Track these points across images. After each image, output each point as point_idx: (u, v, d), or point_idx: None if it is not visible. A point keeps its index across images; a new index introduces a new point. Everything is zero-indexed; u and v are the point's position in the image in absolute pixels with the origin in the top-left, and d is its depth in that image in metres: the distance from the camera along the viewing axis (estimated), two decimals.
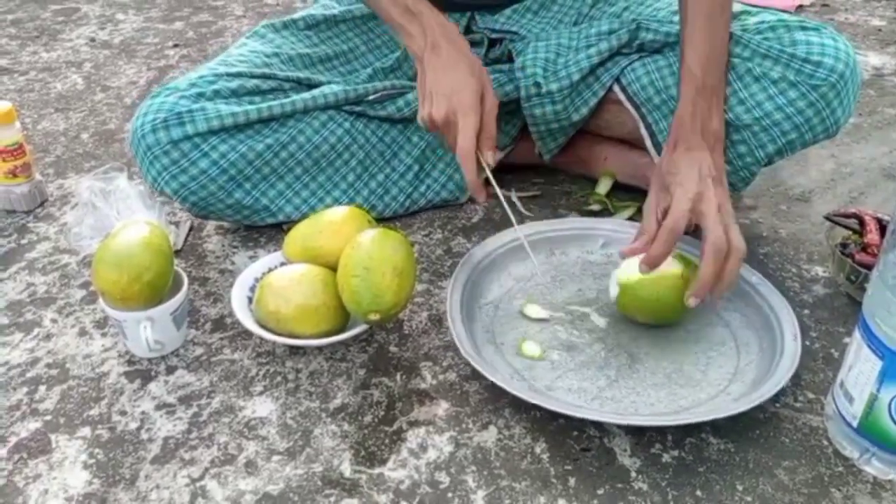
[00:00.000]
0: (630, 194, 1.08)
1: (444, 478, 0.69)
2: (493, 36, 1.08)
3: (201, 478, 0.69)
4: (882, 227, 0.89)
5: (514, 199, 0.81)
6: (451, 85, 0.84)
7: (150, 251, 0.77)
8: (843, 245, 0.90)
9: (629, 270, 0.80)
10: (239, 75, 0.97)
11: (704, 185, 0.79)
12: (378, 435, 0.73)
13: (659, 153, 0.98)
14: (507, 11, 1.08)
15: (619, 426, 0.73)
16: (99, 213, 0.94)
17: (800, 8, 1.83)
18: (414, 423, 0.74)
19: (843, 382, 0.70)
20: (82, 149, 1.23)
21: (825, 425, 0.74)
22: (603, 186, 1.08)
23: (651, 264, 0.78)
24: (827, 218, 0.94)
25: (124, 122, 1.30)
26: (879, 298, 0.65)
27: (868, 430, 0.68)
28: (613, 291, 0.82)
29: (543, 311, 0.87)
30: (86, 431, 0.73)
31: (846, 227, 0.92)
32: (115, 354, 0.82)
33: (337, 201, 0.99)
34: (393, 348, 0.83)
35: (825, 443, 0.72)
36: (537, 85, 0.99)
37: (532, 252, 0.88)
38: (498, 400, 0.76)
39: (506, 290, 0.90)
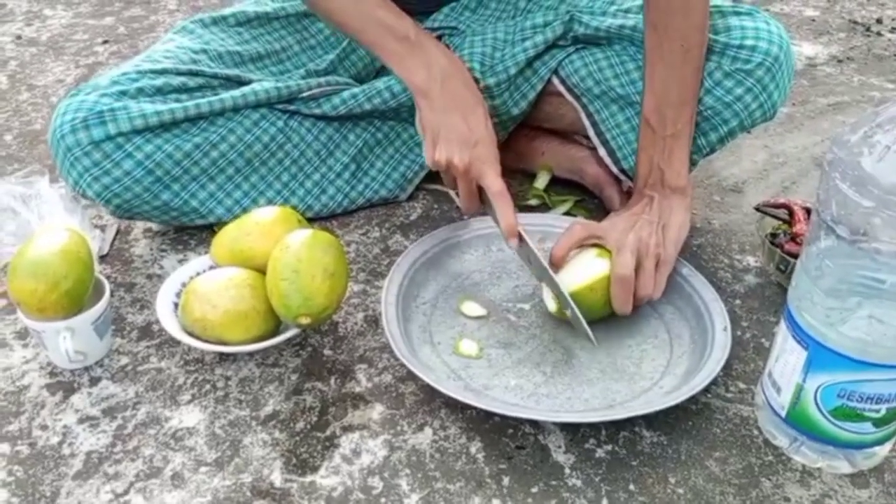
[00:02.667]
0: (567, 188, 1.08)
1: (377, 483, 0.68)
2: (434, 34, 1.06)
3: (126, 493, 0.66)
4: (811, 217, 0.90)
5: (532, 245, 0.81)
6: (471, 130, 0.83)
7: (67, 259, 0.74)
8: (773, 235, 0.91)
9: (565, 281, 0.80)
10: (164, 72, 0.94)
11: (643, 241, 0.81)
12: (310, 441, 0.71)
13: (602, 143, 0.98)
14: (445, 10, 1.07)
15: (554, 423, 0.73)
16: (20, 218, 0.90)
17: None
18: (348, 428, 0.73)
19: (770, 372, 0.71)
20: (5, 151, 1.18)
21: (755, 415, 0.75)
22: (541, 181, 1.08)
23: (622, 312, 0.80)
24: (757, 208, 0.95)
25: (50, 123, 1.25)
26: (803, 289, 0.66)
27: (796, 420, 0.69)
28: (550, 305, 0.82)
29: (481, 308, 0.86)
30: (4, 448, 0.70)
31: (776, 217, 0.93)
32: (37, 366, 0.79)
33: (271, 202, 0.97)
34: (327, 351, 0.81)
35: (755, 432, 0.73)
36: (475, 80, 0.98)
37: (473, 249, 0.87)
38: (433, 400, 0.75)
39: (443, 287, 0.89)
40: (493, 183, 0.82)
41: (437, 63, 0.85)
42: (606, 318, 0.82)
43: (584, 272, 0.80)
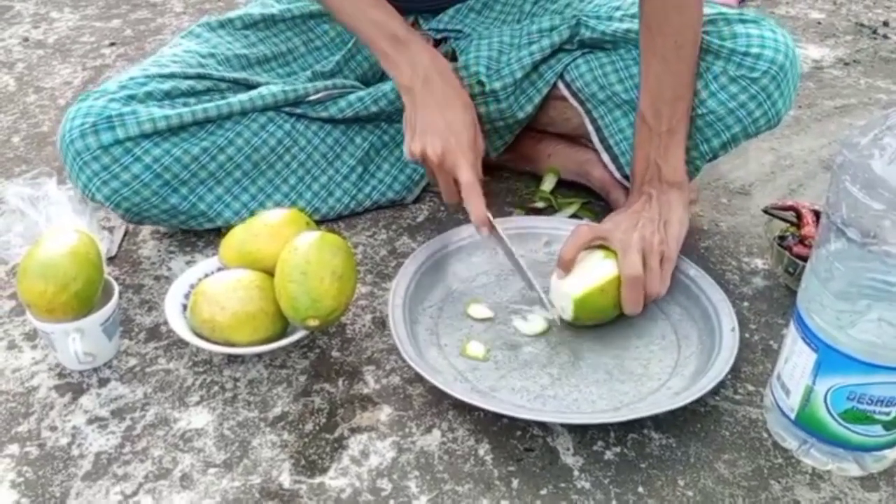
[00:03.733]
0: (574, 191, 1.08)
1: (386, 484, 0.68)
2: (438, 36, 1.07)
3: (135, 494, 0.66)
4: (819, 219, 0.90)
5: (502, 233, 0.85)
6: (447, 124, 0.86)
7: (76, 260, 0.74)
8: (781, 237, 0.91)
9: (572, 287, 0.80)
10: (172, 76, 0.94)
11: (646, 239, 0.82)
12: (319, 443, 0.71)
13: (605, 149, 0.99)
14: (451, 11, 1.07)
15: (562, 425, 0.73)
16: (28, 220, 0.90)
17: (742, 2, 1.85)
18: (356, 430, 0.73)
19: (779, 375, 0.71)
20: (13, 153, 1.19)
21: (764, 417, 0.74)
22: (547, 184, 1.08)
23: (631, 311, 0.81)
24: (765, 211, 0.95)
25: (57, 125, 1.24)
26: (813, 292, 0.65)
27: (805, 422, 0.69)
28: (566, 313, 0.81)
29: (487, 310, 0.86)
30: (14, 449, 0.71)
31: (784, 219, 0.93)
32: (46, 367, 0.79)
33: (278, 205, 0.97)
34: (335, 353, 0.81)
35: (765, 435, 0.73)
36: (481, 84, 0.98)
37: (479, 252, 0.88)
38: (441, 402, 0.75)
39: (450, 290, 0.89)
40: (464, 174, 0.84)
41: (420, 61, 0.88)
42: (615, 319, 0.82)
43: (592, 275, 0.80)
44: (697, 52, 0.87)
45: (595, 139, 1.00)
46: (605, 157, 0.99)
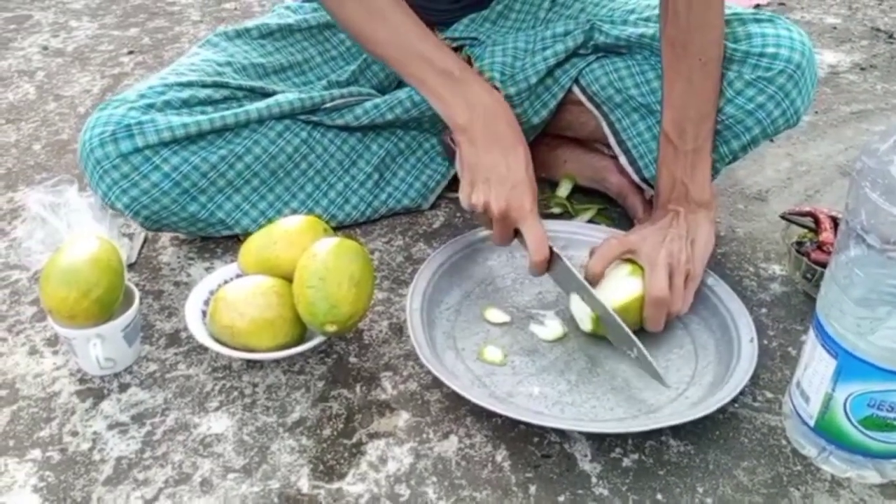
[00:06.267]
0: (590, 197, 1.08)
1: (404, 490, 0.68)
2: (454, 45, 1.07)
3: (155, 499, 0.67)
4: (836, 225, 0.90)
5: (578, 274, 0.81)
6: (510, 170, 0.80)
7: (98, 267, 0.75)
8: (799, 243, 0.91)
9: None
10: (190, 85, 0.95)
11: (674, 256, 0.81)
12: (337, 448, 0.72)
13: (624, 152, 0.99)
14: (465, 21, 1.07)
15: (580, 432, 0.73)
16: (49, 227, 0.91)
17: (757, 7, 1.85)
18: (374, 435, 0.73)
19: (799, 382, 0.70)
20: (34, 160, 1.20)
21: (783, 424, 0.74)
22: (563, 189, 1.08)
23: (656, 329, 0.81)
24: (783, 217, 0.95)
25: (77, 132, 1.27)
26: (832, 298, 0.65)
27: (825, 429, 0.68)
28: (585, 324, 0.81)
29: (504, 314, 0.86)
30: (36, 453, 0.71)
31: (802, 225, 0.93)
32: (67, 373, 0.80)
33: (295, 212, 0.97)
34: (352, 359, 0.82)
35: (784, 442, 0.73)
36: (495, 89, 0.98)
37: (496, 255, 0.86)
38: (459, 408, 0.76)
39: (466, 294, 0.89)
40: (531, 230, 0.80)
41: (480, 101, 0.83)
42: (634, 331, 0.82)
43: (617, 293, 0.79)
44: (720, 67, 0.87)
45: (613, 142, 1.00)
46: (624, 160, 0.99)
